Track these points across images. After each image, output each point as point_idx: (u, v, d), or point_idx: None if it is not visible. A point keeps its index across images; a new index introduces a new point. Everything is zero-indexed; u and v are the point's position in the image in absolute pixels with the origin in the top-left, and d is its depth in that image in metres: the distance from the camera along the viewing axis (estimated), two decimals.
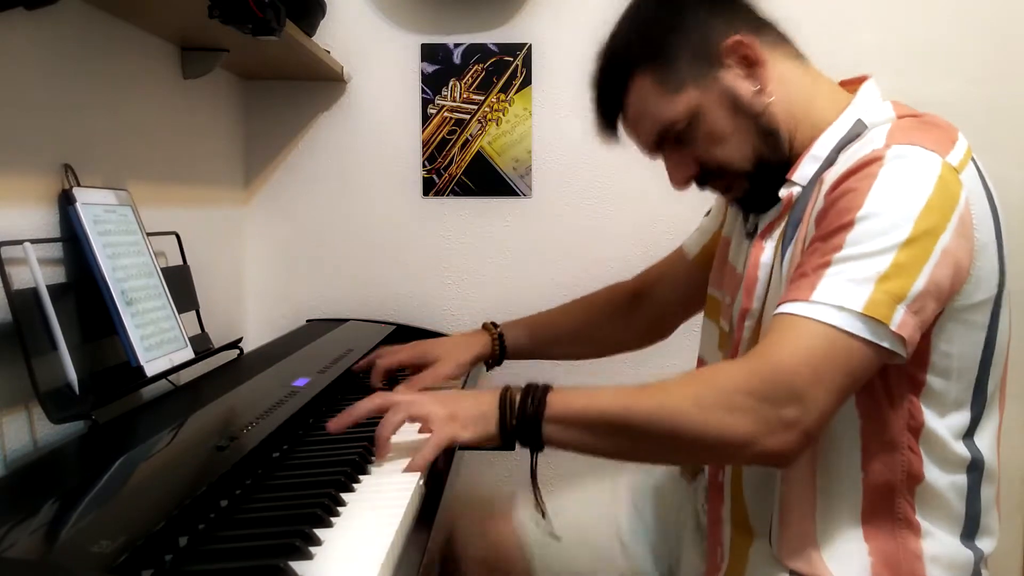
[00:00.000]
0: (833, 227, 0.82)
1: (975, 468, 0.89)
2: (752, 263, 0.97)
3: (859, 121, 0.92)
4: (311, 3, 1.53)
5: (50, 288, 0.91)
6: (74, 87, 1.07)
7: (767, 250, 0.95)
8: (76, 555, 0.58)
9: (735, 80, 0.94)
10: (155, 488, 0.73)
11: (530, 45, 1.74)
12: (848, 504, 0.89)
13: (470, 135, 1.75)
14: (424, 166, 1.77)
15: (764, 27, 0.97)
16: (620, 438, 0.84)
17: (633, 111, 0.98)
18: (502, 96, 1.74)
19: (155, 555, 0.62)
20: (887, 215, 0.79)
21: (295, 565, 0.62)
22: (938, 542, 0.88)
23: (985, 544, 0.92)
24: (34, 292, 0.90)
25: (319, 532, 0.68)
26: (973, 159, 0.88)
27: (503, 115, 1.75)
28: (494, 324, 1.31)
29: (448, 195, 1.77)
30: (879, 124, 0.90)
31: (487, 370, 1.34)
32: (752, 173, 0.95)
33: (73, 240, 0.99)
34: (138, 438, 0.90)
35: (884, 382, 0.85)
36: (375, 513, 0.75)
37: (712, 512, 1.03)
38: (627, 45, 0.99)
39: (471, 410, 0.89)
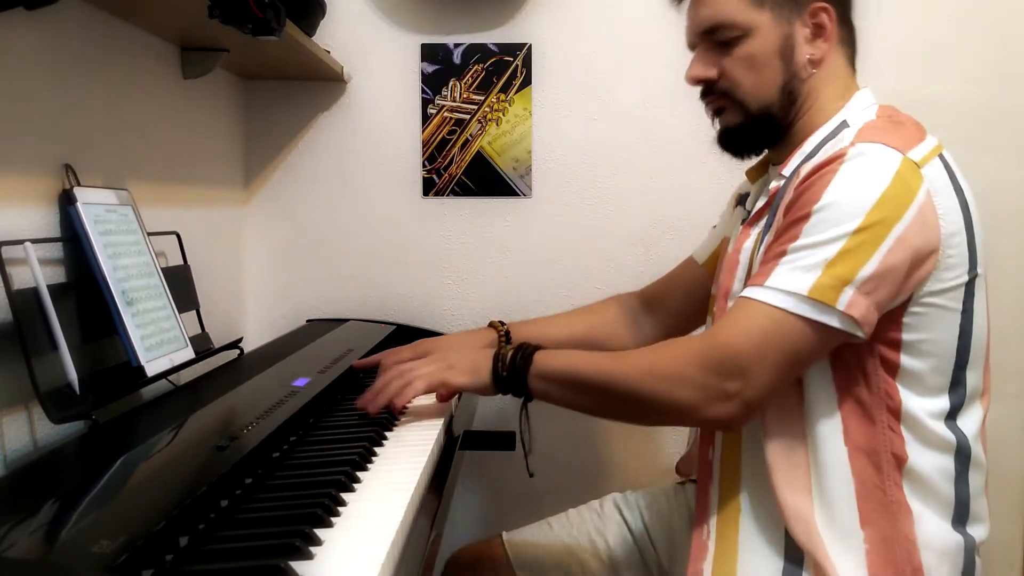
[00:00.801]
0: (792, 219, 0.88)
1: (961, 453, 0.92)
2: (736, 247, 1.03)
3: (843, 122, 0.99)
4: (311, 3, 1.53)
5: (50, 288, 0.91)
6: (74, 87, 1.07)
7: (752, 236, 1.02)
8: (76, 555, 0.58)
9: (802, 36, 1.00)
10: (155, 488, 0.73)
11: (530, 45, 1.74)
12: (840, 483, 0.91)
13: (470, 135, 1.75)
14: (424, 166, 1.77)
15: (848, 21, 1.04)
16: (590, 396, 0.96)
17: None
18: (502, 96, 1.74)
19: (155, 555, 0.62)
20: (841, 207, 0.86)
21: (295, 565, 0.62)
22: (930, 527, 0.90)
23: (977, 531, 0.94)
24: (34, 292, 0.90)
25: (319, 532, 0.68)
26: (942, 156, 0.94)
27: (503, 115, 1.75)
28: (501, 323, 1.32)
29: (448, 195, 1.77)
30: (856, 124, 0.96)
31: None
32: (752, 115, 1.01)
33: (73, 240, 0.99)
34: (138, 438, 0.90)
35: (858, 360, 0.90)
36: (376, 513, 0.75)
37: (700, 491, 1.05)
38: None
39: (467, 361, 1.03)
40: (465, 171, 1.76)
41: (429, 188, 1.77)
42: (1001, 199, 1.75)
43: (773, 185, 1.01)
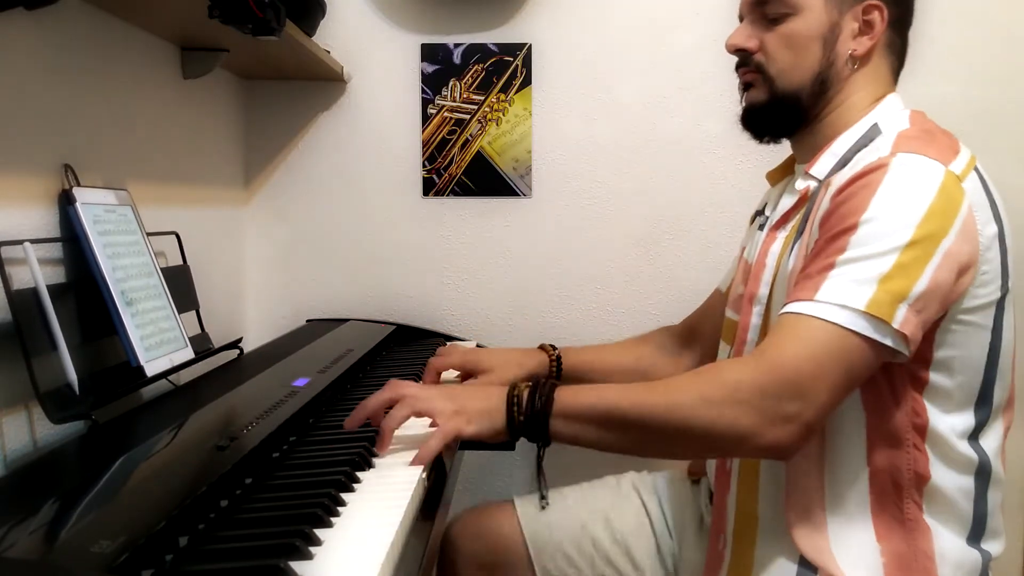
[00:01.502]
0: (837, 230, 0.84)
1: (982, 472, 0.91)
2: (762, 251, 1.00)
3: (875, 126, 0.96)
4: (311, 3, 1.53)
5: (50, 288, 0.91)
6: (74, 87, 1.07)
7: (779, 240, 0.99)
8: (76, 555, 0.58)
9: (850, 29, 0.98)
10: (155, 488, 0.73)
11: (530, 45, 1.74)
12: (856, 500, 0.90)
13: (470, 135, 1.75)
14: (424, 166, 1.77)
15: (903, 28, 1.02)
16: (628, 432, 0.86)
17: None
18: (502, 96, 1.74)
19: (155, 555, 0.62)
20: (890, 219, 0.82)
21: (295, 565, 0.62)
22: (947, 543, 0.89)
23: (992, 546, 0.93)
24: (34, 292, 0.90)
25: (319, 532, 0.68)
26: (976, 169, 0.91)
27: (503, 115, 1.75)
28: (552, 346, 1.29)
29: (448, 195, 1.77)
30: (890, 131, 0.93)
31: None
32: (778, 95, 0.99)
33: (73, 240, 0.99)
34: (138, 438, 0.90)
35: (888, 379, 0.87)
36: (375, 513, 0.75)
37: (718, 500, 1.03)
38: None
39: (478, 404, 0.91)
40: (465, 171, 1.76)
41: (429, 188, 1.77)
42: (1004, 202, 1.75)
43: (802, 185, 0.98)
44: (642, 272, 1.77)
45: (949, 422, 0.89)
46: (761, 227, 1.06)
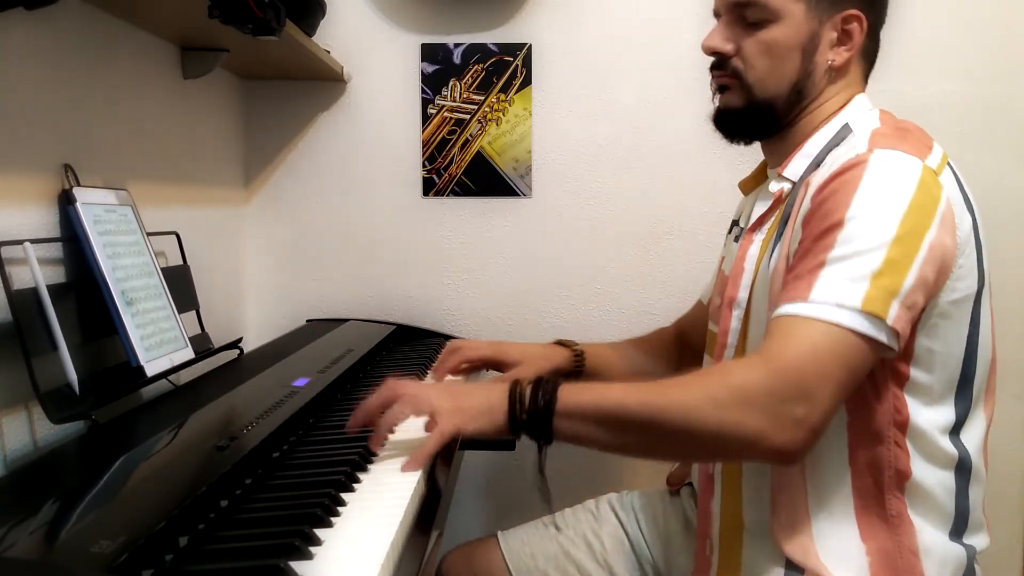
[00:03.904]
0: (823, 228, 0.84)
1: (963, 468, 0.91)
2: (739, 256, 1.00)
3: (846, 125, 0.97)
4: (311, 3, 1.53)
5: (50, 288, 0.91)
6: (74, 87, 1.07)
7: (755, 243, 0.99)
8: (76, 555, 0.58)
9: (828, 38, 0.97)
10: (155, 488, 0.73)
11: (530, 45, 1.74)
12: (840, 500, 0.90)
13: (470, 135, 1.75)
14: (424, 166, 1.77)
15: (877, 33, 1.02)
16: (632, 433, 0.85)
17: None
18: (502, 96, 1.74)
19: (155, 555, 0.62)
20: (874, 214, 0.82)
21: (295, 565, 0.62)
22: (931, 539, 0.90)
23: (976, 540, 0.93)
24: (34, 292, 0.90)
25: (319, 532, 0.68)
26: (949, 164, 0.92)
27: (503, 115, 1.75)
28: (573, 342, 1.29)
29: (448, 195, 1.77)
30: (863, 130, 0.94)
31: None
32: (755, 102, 0.99)
33: (73, 240, 0.99)
34: (138, 438, 0.90)
35: (870, 376, 0.88)
36: (375, 513, 0.75)
37: (702, 505, 1.04)
38: None
39: (479, 402, 0.89)
40: (465, 171, 1.76)
41: (429, 188, 1.77)
42: (1001, 200, 1.75)
43: (776, 187, 0.98)
44: (642, 272, 1.77)
45: (930, 417, 0.89)
46: (737, 238, 1.06)
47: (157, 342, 1.06)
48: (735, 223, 1.15)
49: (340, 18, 1.71)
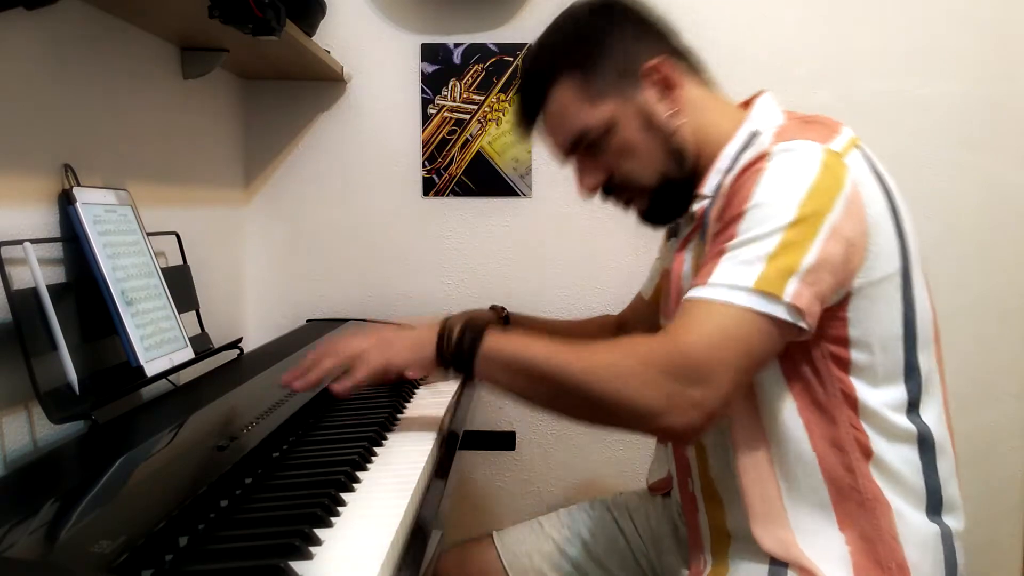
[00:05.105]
0: (727, 220, 0.87)
1: (925, 443, 0.92)
2: (675, 275, 1.03)
3: (753, 132, 0.98)
4: (311, 3, 1.53)
5: (50, 288, 0.91)
6: (74, 87, 1.07)
7: (686, 261, 1.01)
8: (76, 555, 0.58)
9: (652, 100, 1.00)
10: (155, 488, 0.73)
11: (530, 45, 1.73)
12: (813, 489, 0.91)
13: (470, 135, 1.75)
14: (424, 166, 1.77)
15: (683, 55, 1.04)
16: (542, 387, 0.88)
17: (553, 112, 1.03)
18: (502, 96, 1.74)
19: (155, 555, 0.62)
20: (774, 202, 0.85)
21: (295, 565, 0.62)
22: (908, 521, 0.90)
23: (952, 520, 0.94)
24: (34, 292, 0.90)
25: (319, 532, 0.68)
26: (859, 146, 0.93)
27: (503, 115, 1.75)
28: (502, 307, 1.35)
29: (448, 195, 1.77)
30: (769, 129, 0.95)
31: None
32: (655, 189, 1.02)
33: (73, 240, 0.99)
34: (138, 438, 0.90)
35: (809, 361, 0.89)
36: (375, 512, 0.75)
37: (690, 520, 1.05)
38: (557, 49, 1.04)
39: (410, 338, 0.95)
40: (465, 171, 1.76)
41: (429, 188, 1.77)
42: (1001, 199, 1.75)
43: (697, 207, 1.00)
44: (641, 272, 1.77)
45: (880, 397, 0.90)
46: (672, 238, 1.09)
47: (157, 342, 1.06)
48: (673, 230, 1.17)
49: (340, 18, 1.72)
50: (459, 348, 0.91)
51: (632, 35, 1.01)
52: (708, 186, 0.99)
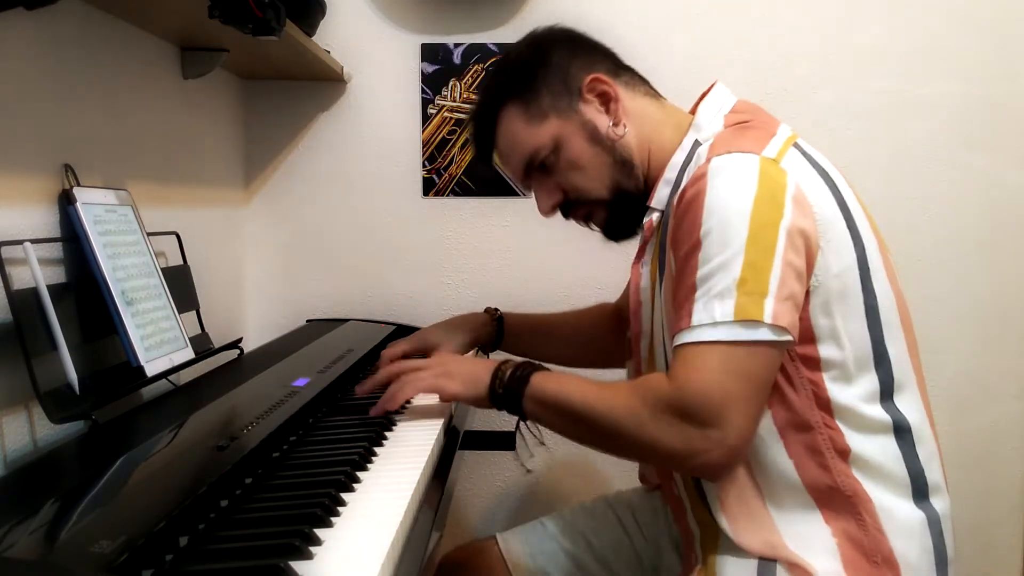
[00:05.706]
0: (685, 251, 0.89)
1: (901, 431, 0.92)
2: (633, 288, 1.06)
3: (695, 141, 1.00)
4: (311, 3, 1.53)
5: (50, 288, 0.91)
6: (74, 87, 1.07)
7: (644, 275, 1.05)
8: (76, 555, 0.58)
9: (593, 114, 1.04)
10: (155, 488, 0.73)
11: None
12: (793, 493, 0.92)
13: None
14: (424, 166, 1.77)
15: (621, 69, 1.08)
16: (579, 427, 0.93)
17: (504, 141, 1.08)
18: None
19: (155, 555, 0.62)
20: (724, 224, 0.86)
21: (295, 565, 0.62)
22: (892, 511, 0.90)
23: (939, 503, 0.94)
24: (34, 292, 0.90)
25: (319, 532, 0.68)
26: (796, 144, 0.95)
27: None
28: (496, 309, 1.36)
29: (448, 195, 1.77)
30: (708, 139, 0.98)
31: (487, 355, 1.36)
32: (610, 201, 1.05)
33: (73, 240, 0.99)
34: (138, 438, 0.90)
35: (781, 369, 0.90)
36: (375, 513, 0.75)
37: (680, 521, 1.06)
38: (498, 81, 1.10)
39: (466, 371, 1.02)
40: (465, 171, 1.76)
41: (429, 188, 1.77)
42: (1001, 199, 1.75)
43: (646, 220, 1.04)
44: None
45: (852, 392, 0.90)
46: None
47: (157, 342, 1.06)
48: None
49: (340, 18, 1.71)
50: (509, 389, 0.97)
51: (567, 57, 1.06)
52: (657, 199, 1.02)
